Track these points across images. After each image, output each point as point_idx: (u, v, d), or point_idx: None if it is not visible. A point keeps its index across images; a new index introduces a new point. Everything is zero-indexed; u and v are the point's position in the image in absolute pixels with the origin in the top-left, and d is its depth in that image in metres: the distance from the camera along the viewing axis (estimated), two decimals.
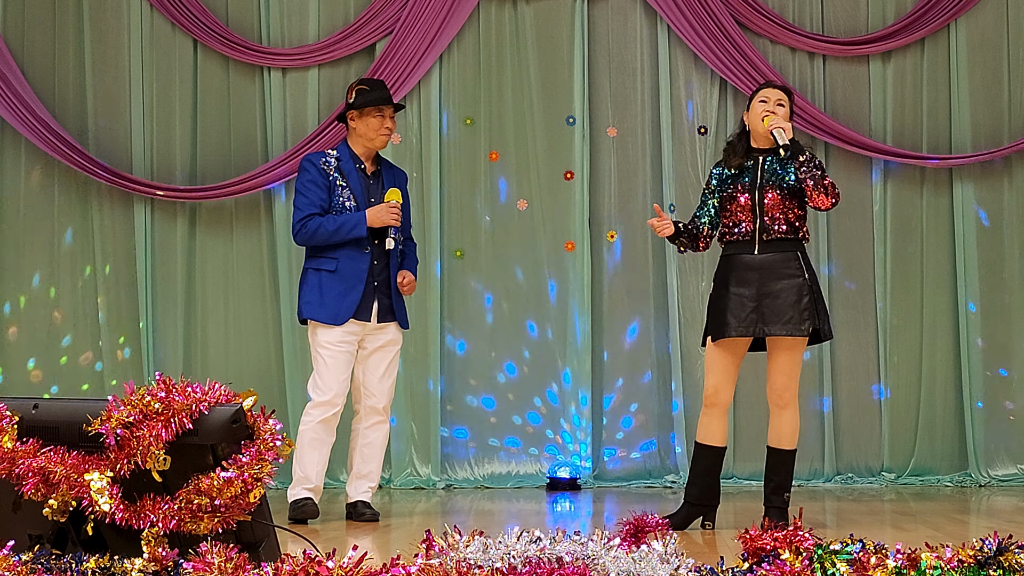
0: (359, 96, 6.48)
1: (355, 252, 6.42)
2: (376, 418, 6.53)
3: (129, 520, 3.49)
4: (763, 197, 6.00)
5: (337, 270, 6.41)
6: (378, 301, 6.47)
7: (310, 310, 6.42)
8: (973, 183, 8.31)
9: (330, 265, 6.42)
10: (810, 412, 8.34)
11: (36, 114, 8.22)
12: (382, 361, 6.52)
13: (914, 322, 8.33)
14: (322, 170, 6.43)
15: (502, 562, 3.33)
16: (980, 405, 8.25)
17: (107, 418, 3.53)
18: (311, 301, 6.43)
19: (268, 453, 3.50)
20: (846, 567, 3.45)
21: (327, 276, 6.42)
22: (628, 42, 8.40)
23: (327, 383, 6.39)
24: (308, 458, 6.39)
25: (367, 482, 6.54)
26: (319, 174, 6.43)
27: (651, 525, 3.95)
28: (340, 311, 6.39)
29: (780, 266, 6.00)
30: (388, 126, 6.49)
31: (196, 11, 8.29)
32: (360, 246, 6.42)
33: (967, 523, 6.33)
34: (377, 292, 6.47)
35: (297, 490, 6.43)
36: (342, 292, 6.39)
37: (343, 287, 6.39)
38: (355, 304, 6.40)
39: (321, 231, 6.37)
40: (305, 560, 3.23)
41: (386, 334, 6.52)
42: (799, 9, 8.38)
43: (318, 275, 6.43)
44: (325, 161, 6.45)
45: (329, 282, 6.41)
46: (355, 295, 6.40)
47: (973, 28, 8.32)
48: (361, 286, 6.41)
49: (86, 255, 8.43)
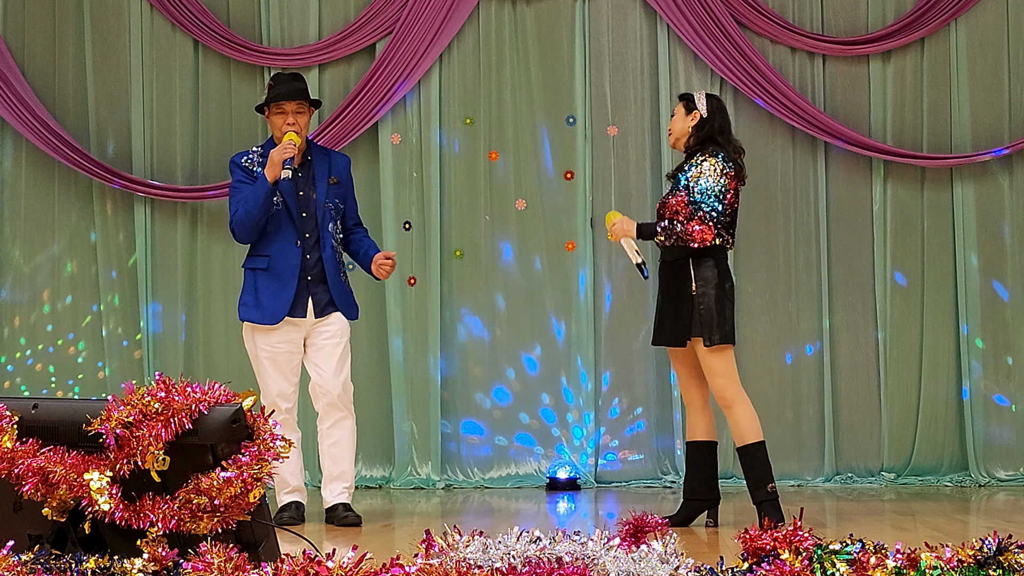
0: (269, 90, 6.35)
1: (286, 247, 6.26)
2: (337, 414, 6.34)
3: (129, 520, 3.49)
4: (663, 205, 6.17)
5: (269, 267, 6.26)
6: (312, 296, 6.29)
7: (246, 312, 6.30)
8: (973, 183, 8.30)
9: (262, 263, 6.29)
10: (810, 412, 8.34)
11: (36, 114, 8.23)
12: (332, 355, 6.32)
13: (914, 322, 8.33)
14: (246, 168, 6.29)
15: (502, 562, 3.33)
16: (980, 405, 8.24)
17: (107, 418, 3.53)
18: (247, 303, 6.30)
19: (268, 453, 3.50)
20: (846, 567, 3.45)
21: (261, 275, 6.28)
22: (628, 42, 8.40)
23: (267, 386, 6.30)
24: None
25: (341, 483, 6.36)
26: (244, 173, 6.28)
27: (651, 525, 3.95)
28: (275, 310, 6.24)
29: (676, 274, 6.14)
30: (290, 122, 6.27)
31: (196, 11, 8.30)
32: (290, 241, 6.27)
33: (967, 523, 6.33)
34: (311, 286, 6.29)
35: (280, 496, 6.36)
36: (276, 290, 6.24)
37: (277, 284, 6.25)
38: (289, 301, 6.24)
39: (241, 213, 6.19)
40: (305, 560, 3.22)
41: (330, 326, 6.33)
42: (799, 9, 8.38)
43: (253, 275, 6.31)
44: (248, 159, 6.31)
45: (263, 281, 6.26)
46: (289, 292, 6.24)
47: (973, 28, 8.32)
48: (294, 282, 6.25)
49: (86, 255, 8.43)
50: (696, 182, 6.06)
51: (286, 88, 6.31)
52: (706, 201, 6.02)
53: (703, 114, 6.22)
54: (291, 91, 6.29)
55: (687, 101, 6.30)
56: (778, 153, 8.38)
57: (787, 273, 8.36)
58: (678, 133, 6.28)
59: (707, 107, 6.23)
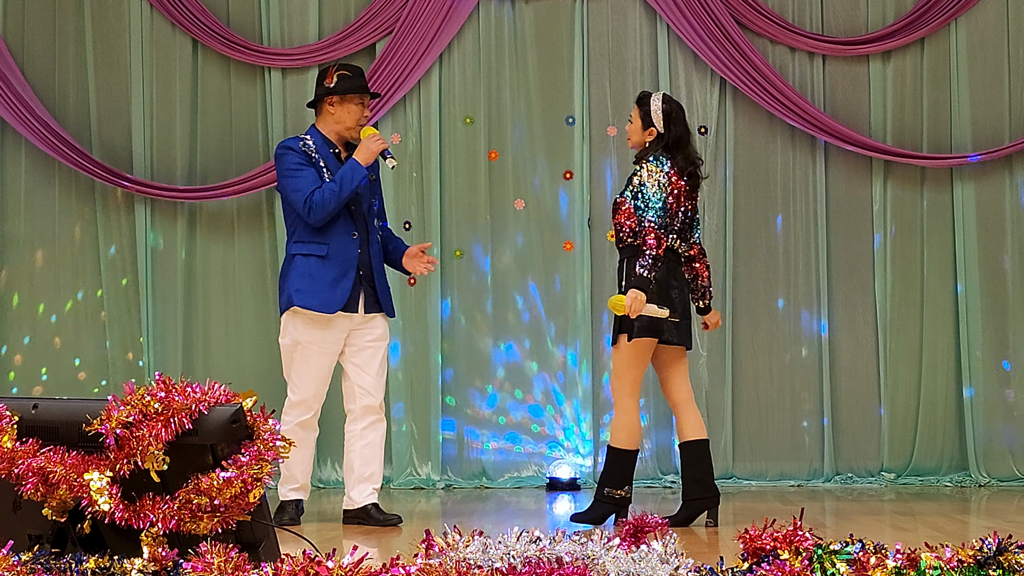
0: (341, 81, 6.27)
1: (345, 238, 6.21)
2: (373, 417, 6.28)
3: (129, 520, 3.49)
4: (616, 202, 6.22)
5: (328, 256, 6.17)
6: (364, 291, 6.24)
7: (301, 298, 6.13)
8: (973, 183, 8.30)
9: (320, 250, 6.18)
10: (810, 412, 8.34)
11: (36, 114, 8.23)
12: (374, 358, 6.27)
13: (914, 322, 8.33)
14: (304, 152, 6.23)
15: (502, 562, 3.33)
16: (980, 405, 8.24)
17: (107, 418, 3.53)
18: (302, 289, 6.14)
19: (268, 453, 3.50)
20: (846, 567, 3.45)
21: (318, 262, 6.17)
22: (628, 41, 8.40)
23: (306, 382, 6.19)
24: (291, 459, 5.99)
25: (371, 484, 6.28)
26: (302, 156, 6.22)
27: (651, 525, 3.94)
28: (333, 300, 6.14)
29: (618, 273, 6.23)
30: (366, 115, 6.34)
31: (196, 11, 8.30)
32: (347, 232, 6.22)
33: (967, 523, 6.34)
34: (363, 281, 6.23)
35: (283, 490, 6.29)
36: (334, 280, 6.15)
37: (334, 274, 6.15)
38: (346, 293, 6.16)
39: (328, 195, 6.10)
40: (305, 560, 3.22)
41: (375, 328, 6.28)
42: (799, 9, 8.38)
43: (307, 260, 6.18)
44: (303, 144, 6.25)
45: (321, 268, 6.15)
46: (346, 284, 6.17)
47: (973, 28, 8.32)
48: (352, 274, 6.18)
49: (86, 255, 8.42)
50: (636, 193, 6.12)
51: (361, 82, 6.33)
52: (646, 213, 6.05)
53: (660, 131, 6.22)
54: (365, 85, 6.34)
55: (643, 110, 6.25)
56: (778, 153, 8.38)
57: (787, 273, 8.36)
58: (636, 142, 6.30)
59: (663, 121, 6.21)
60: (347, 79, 6.28)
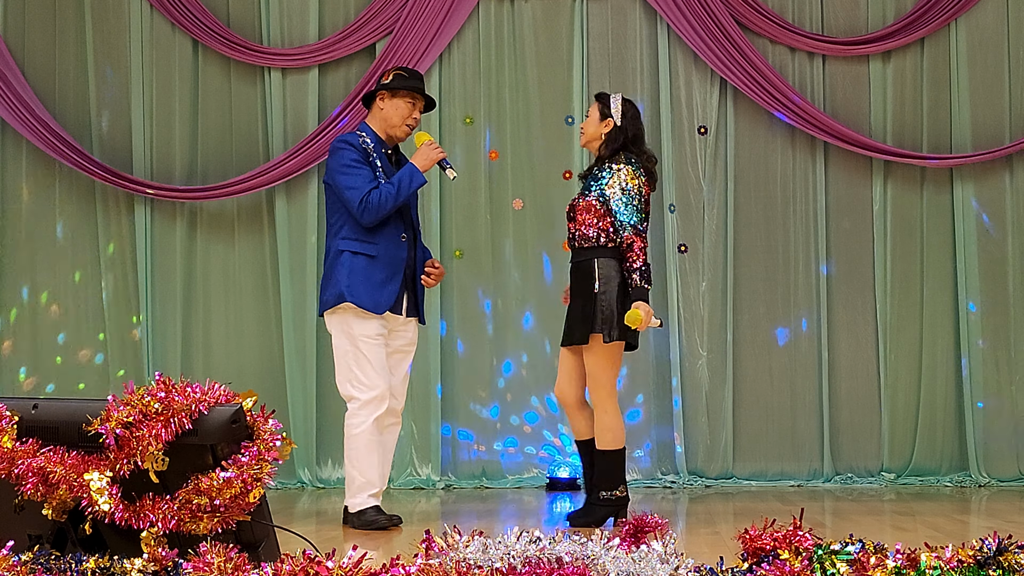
0: (397, 79, 6.22)
1: (395, 239, 6.16)
2: (393, 419, 6.23)
3: (129, 520, 3.49)
4: (574, 206, 6.21)
5: (378, 256, 6.10)
6: (406, 294, 6.21)
7: (354, 295, 6.04)
8: (973, 183, 8.31)
9: (371, 250, 6.10)
10: (810, 412, 8.34)
11: (36, 114, 8.23)
12: (403, 361, 6.28)
13: (914, 322, 8.33)
14: (362, 149, 6.15)
15: (502, 562, 3.33)
16: (980, 405, 8.25)
17: (107, 418, 3.53)
18: (353, 285, 6.06)
19: (268, 453, 3.50)
20: (846, 567, 3.45)
21: (366, 261, 6.10)
22: (627, 42, 8.40)
23: (372, 378, 6.06)
24: (368, 462, 6.04)
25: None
26: (360, 153, 6.14)
27: (650, 525, 3.95)
28: (383, 299, 6.09)
29: (582, 274, 6.20)
30: (416, 117, 6.25)
31: (196, 12, 8.30)
32: (397, 234, 6.16)
33: (967, 523, 6.33)
34: (407, 283, 6.21)
35: (362, 498, 6.08)
36: (383, 280, 6.10)
37: (383, 275, 6.10)
38: (394, 295, 6.12)
39: (386, 197, 6.04)
40: (304, 560, 3.23)
41: (408, 332, 6.26)
42: (799, 9, 8.38)
43: (356, 258, 6.09)
44: (362, 141, 6.17)
45: (371, 267, 6.09)
46: (395, 285, 6.12)
47: (973, 27, 8.32)
48: (400, 276, 6.14)
49: (87, 255, 8.43)
50: (617, 196, 6.11)
51: (421, 83, 6.30)
52: (633, 216, 6.07)
53: (616, 122, 6.23)
54: (420, 87, 6.28)
55: (603, 104, 6.27)
56: (778, 153, 8.38)
57: (786, 273, 8.36)
58: (590, 136, 6.28)
59: (621, 115, 6.23)
60: (403, 78, 6.25)
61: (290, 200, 8.33)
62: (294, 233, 8.31)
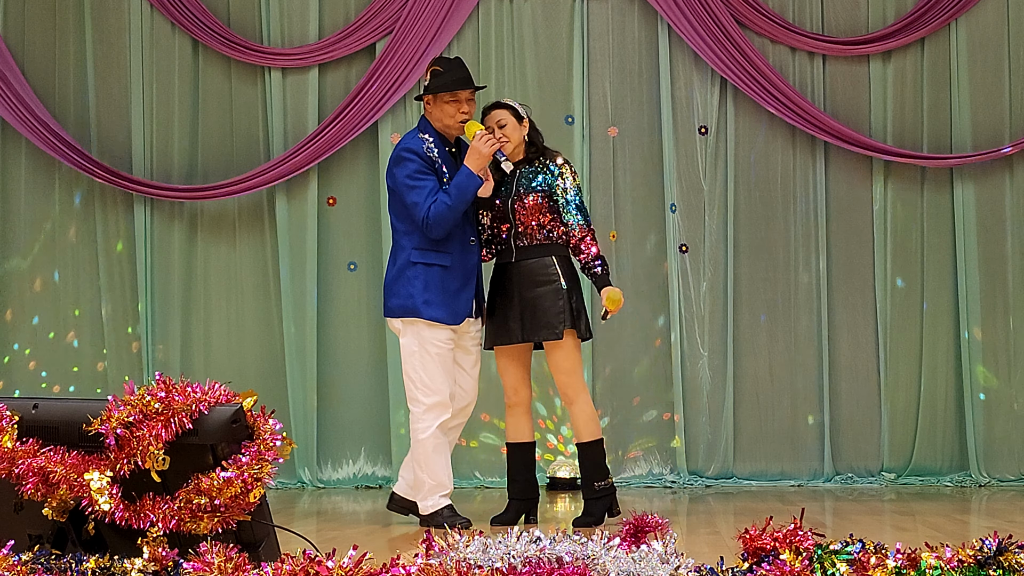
0: (434, 78, 6.08)
1: (465, 245, 6.09)
2: (463, 419, 6.25)
3: (129, 520, 3.49)
4: (515, 205, 6.18)
5: (451, 265, 6.03)
6: (477, 296, 6.18)
7: (431, 310, 5.98)
8: (973, 183, 8.30)
9: (444, 260, 6.02)
10: (810, 412, 8.33)
11: (36, 114, 8.22)
12: (477, 363, 6.23)
13: (914, 322, 8.33)
14: (428, 158, 6.04)
15: (502, 562, 3.33)
16: (980, 405, 8.24)
17: (107, 418, 3.53)
18: (431, 300, 5.99)
19: (268, 453, 3.50)
20: (846, 567, 3.45)
21: (439, 272, 6.02)
22: (628, 41, 8.40)
23: (438, 384, 6.01)
24: (437, 464, 6.04)
25: None
26: (426, 162, 6.02)
27: (651, 525, 3.95)
28: (460, 309, 6.05)
29: (535, 272, 6.17)
30: (465, 111, 6.08)
31: (196, 11, 8.29)
32: (467, 238, 6.10)
33: (967, 523, 6.33)
34: (478, 286, 6.17)
35: (435, 499, 6.09)
36: (458, 288, 6.04)
37: (457, 284, 6.04)
38: (470, 302, 6.09)
39: (446, 213, 5.92)
40: (305, 560, 3.23)
41: (474, 330, 6.21)
42: (799, 9, 8.38)
43: (429, 270, 6.01)
44: (427, 147, 6.07)
45: (445, 279, 6.02)
46: (469, 292, 6.08)
47: (973, 27, 8.32)
48: (473, 281, 6.10)
49: (87, 255, 8.42)
50: (566, 194, 6.17)
51: (463, 74, 6.10)
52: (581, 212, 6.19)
53: (530, 119, 6.28)
54: (468, 78, 6.12)
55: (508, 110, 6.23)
56: (778, 153, 8.38)
57: (787, 273, 8.36)
58: (516, 140, 6.23)
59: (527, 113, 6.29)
60: (438, 75, 6.08)
61: (290, 200, 8.33)
62: (294, 233, 8.31)
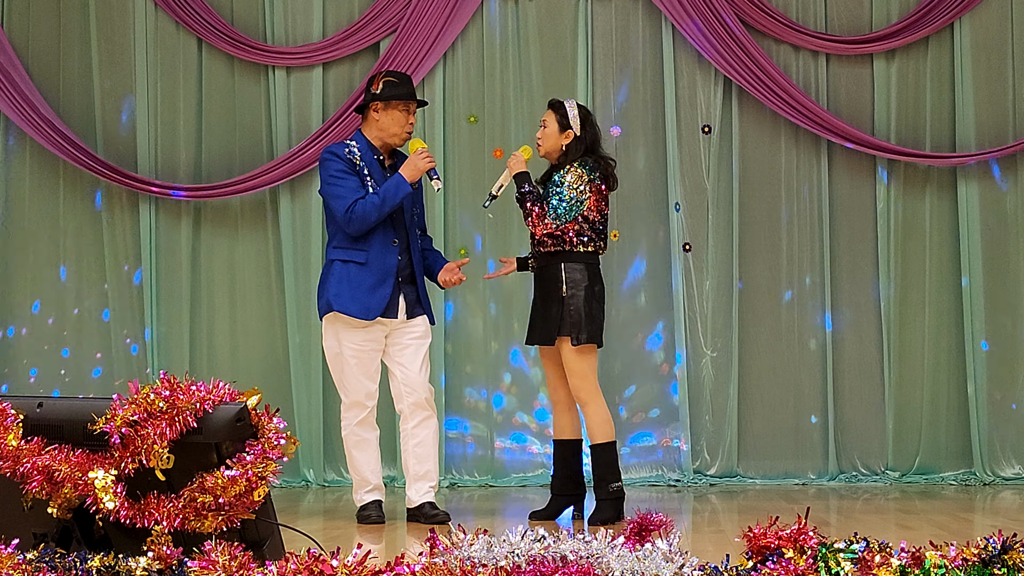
0: (387, 88, 6.31)
1: (385, 245, 6.28)
2: (423, 414, 6.34)
3: (133, 518, 3.49)
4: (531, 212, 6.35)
5: (368, 263, 6.24)
6: (404, 296, 6.31)
7: (340, 303, 6.22)
8: (977, 182, 8.30)
9: (360, 257, 6.25)
10: (814, 411, 8.33)
11: (41, 113, 8.23)
12: (417, 355, 6.33)
13: (918, 321, 8.32)
14: (348, 160, 6.27)
15: (506, 560, 3.33)
16: (985, 403, 8.23)
17: (111, 416, 3.53)
18: (341, 294, 6.23)
19: (272, 451, 3.51)
20: (850, 566, 3.45)
21: (357, 269, 6.24)
22: (631, 41, 8.40)
23: (353, 385, 6.29)
24: (357, 460, 6.33)
25: (427, 483, 6.34)
26: (347, 164, 6.26)
27: (655, 523, 3.95)
28: (372, 305, 6.22)
29: (547, 278, 6.41)
30: (412, 122, 6.37)
31: (201, 10, 8.30)
32: (388, 239, 6.28)
33: (972, 521, 6.33)
34: (403, 287, 6.31)
35: (360, 495, 6.36)
36: (372, 286, 6.22)
37: (373, 281, 6.23)
38: (385, 300, 6.23)
39: (370, 208, 6.17)
40: (309, 558, 3.23)
41: (416, 326, 6.36)
42: (803, 8, 8.37)
43: (346, 267, 6.25)
44: (349, 151, 6.29)
45: (360, 275, 6.23)
46: (385, 290, 6.24)
47: (977, 26, 8.31)
48: (391, 281, 6.25)
49: (91, 253, 8.43)
50: (556, 187, 6.31)
51: (411, 88, 6.40)
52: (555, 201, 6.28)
53: (576, 133, 6.40)
54: (411, 92, 6.39)
55: (559, 115, 6.41)
56: (782, 152, 8.38)
57: (790, 272, 8.36)
58: (549, 147, 6.44)
59: (580, 124, 6.40)
60: (393, 86, 6.33)
61: (294, 198, 8.34)
62: (298, 231, 8.32)
